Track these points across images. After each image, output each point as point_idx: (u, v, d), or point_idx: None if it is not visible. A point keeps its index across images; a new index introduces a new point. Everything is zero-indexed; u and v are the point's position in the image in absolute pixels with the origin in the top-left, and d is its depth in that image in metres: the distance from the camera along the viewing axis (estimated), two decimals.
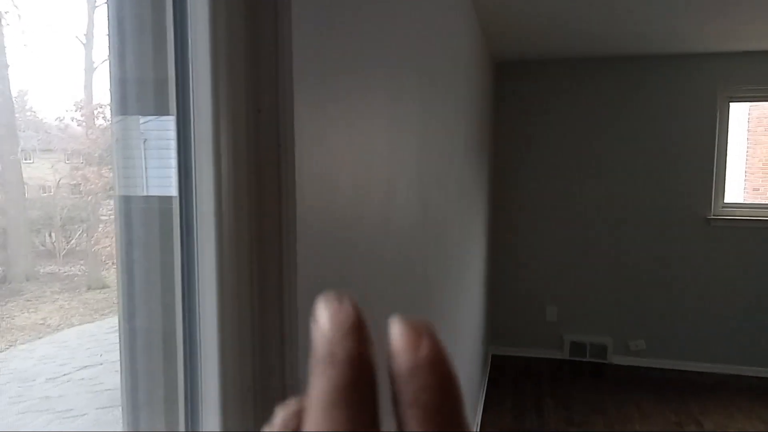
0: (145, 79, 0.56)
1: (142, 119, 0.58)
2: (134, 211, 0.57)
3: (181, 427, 0.58)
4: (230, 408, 0.58)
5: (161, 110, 0.56)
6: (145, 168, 0.57)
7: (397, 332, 0.21)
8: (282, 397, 0.62)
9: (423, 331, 0.21)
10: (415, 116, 1.50)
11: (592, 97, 4.74)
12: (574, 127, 4.80)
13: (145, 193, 0.57)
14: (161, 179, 0.57)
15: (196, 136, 0.55)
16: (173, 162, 0.56)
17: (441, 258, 2.06)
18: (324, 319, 0.21)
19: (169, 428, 0.58)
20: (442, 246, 2.07)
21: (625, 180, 4.74)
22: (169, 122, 0.56)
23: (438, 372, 0.20)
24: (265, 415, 0.63)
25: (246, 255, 0.60)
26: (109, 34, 0.55)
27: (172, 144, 0.55)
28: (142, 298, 0.57)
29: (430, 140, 1.76)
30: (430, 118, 1.73)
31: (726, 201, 4.65)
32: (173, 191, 0.56)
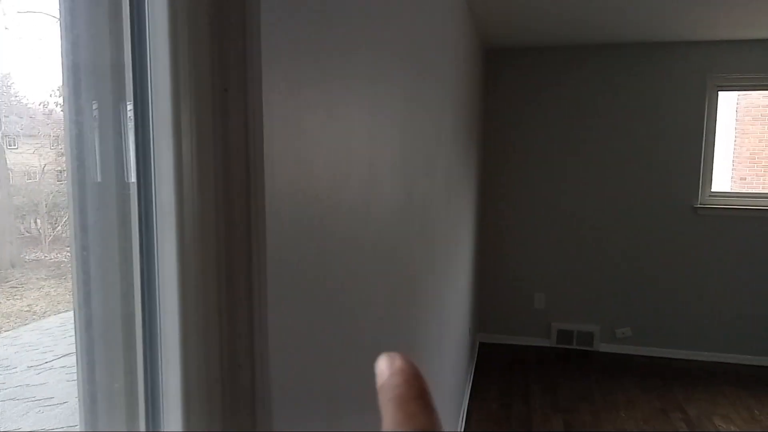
0: (100, 61, 0.54)
1: (96, 104, 0.55)
2: (89, 198, 0.55)
3: (141, 422, 0.56)
4: (194, 401, 0.56)
5: (117, 93, 0.54)
6: (99, 153, 0.56)
7: (380, 361, 0.28)
8: (251, 391, 0.61)
9: (396, 354, 0.28)
10: (399, 101, 1.47)
11: (581, 84, 4.74)
12: (563, 115, 4.80)
13: (99, 180, 0.55)
14: (118, 165, 0.55)
15: (154, 120, 0.53)
16: (131, 147, 0.54)
17: (427, 246, 2.05)
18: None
19: (129, 422, 0.57)
20: (428, 234, 2.06)
21: (613, 168, 4.76)
22: (126, 106, 0.54)
23: (407, 374, 0.26)
24: (234, 410, 0.60)
25: (211, 242, 0.57)
26: (60, 14, 0.53)
27: (130, 128, 0.54)
28: (98, 285, 0.56)
29: (416, 126, 1.74)
30: (415, 103, 1.71)
31: (713, 190, 4.69)
32: (131, 177, 0.55)
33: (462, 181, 3.33)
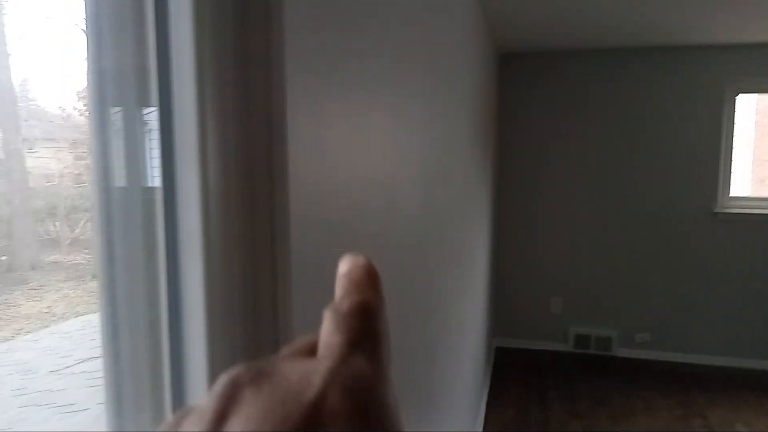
0: (125, 69, 0.55)
1: (120, 108, 0.56)
2: (114, 202, 0.55)
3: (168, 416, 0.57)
4: None
5: (142, 101, 0.55)
6: (124, 158, 0.56)
7: (343, 259, 0.29)
8: None
9: (360, 255, 0.28)
10: (419, 109, 1.47)
11: (598, 89, 4.71)
12: (580, 120, 4.77)
13: (124, 184, 0.56)
14: (142, 169, 0.56)
15: (178, 124, 0.54)
16: (155, 153, 0.54)
17: (445, 250, 2.04)
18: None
19: (156, 425, 0.57)
20: (446, 238, 2.06)
21: (630, 173, 4.71)
22: (151, 113, 0.54)
23: (368, 268, 0.28)
24: None
25: (236, 246, 0.58)
26: (86, 21, 0.54)
27: (154, 135, 0.54)
28: (123, 289, 0.56)
29: (435, 132, 1.74)
30: (434, 109, 1.71)
31: (732, 194, 4.62)
32: (155, 182, 0.55)
33: (478, 186, 3.31)
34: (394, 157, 1.21)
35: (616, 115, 4.69)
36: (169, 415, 0.56)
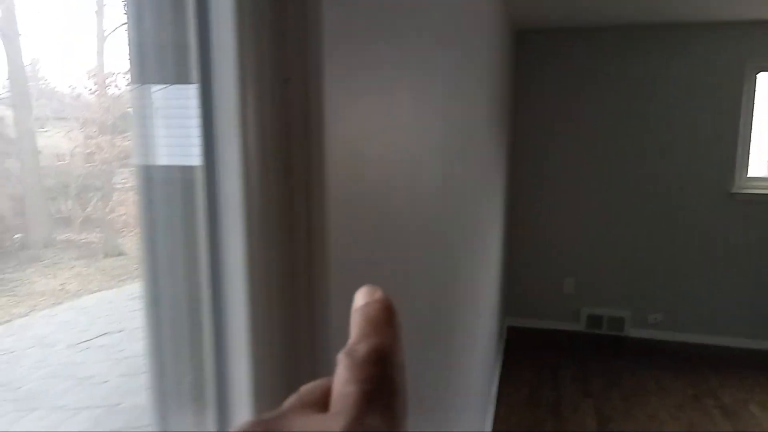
0: (165, 45, 0.54)
1: (161, 86, 0.55)
2: (155, 181, 0.55)
3: (210, 413, 0.57)
4: (261, 391, 0.57)
5: (182, 78, 0.54)
6: (166, 137, 0.56)
7: (360, 291, 0.28)
8: (312, 375, 0.60)
9: (377, 289, 0.28)
10: (440, 86, 1.45)
11: (613, 67, 4.63)
12: (594, 98, 4.70)
13: (165, 162, 0.55)
14: (183, 148, 0.55)
15: (218, 102, 0.53)
16: (195, 131, 0.54)
17: (462, 230, 2.04)
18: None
19: (197, 414, 0.57)
20: (462, 218, 2.05)
21: (646, 152, 4.65)
22: (191, 90, 0.54)
23: (385, 305, 0.27)
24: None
25: (275, 227, 0.57)
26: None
27: (194, 112, 0.54)
28: (165, 268, 0.56)
29: (454, 110, 1.72)
30: (453, 88, 1.68)
31: (750, 175, 4.55)
32: (196, 160, 0.54)
33: (493, 166, 3.29)
34: (417, 133, 1.21)
35: (632, 93, 4.62)
36: (210, 397, 0.57)
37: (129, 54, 0.54)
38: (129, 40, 0.53)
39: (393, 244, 1.01)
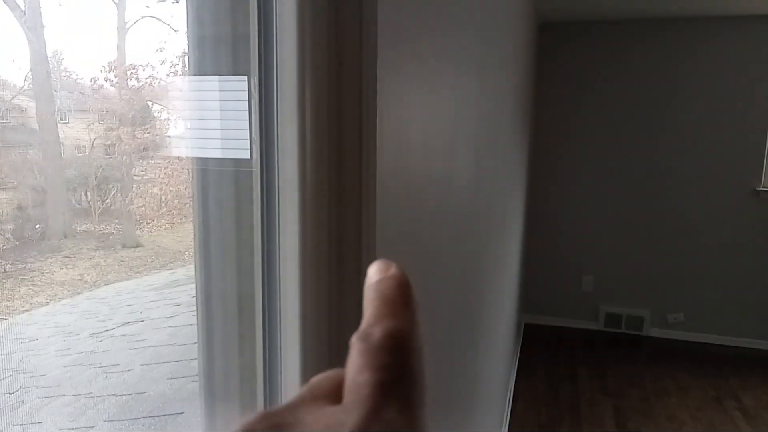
0: (224, 36, 0.55)
1: (219, 78, 0.55)
2: (210, 173, 0.55)
3: (260, 402, 0.57)
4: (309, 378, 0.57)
5: (240, 69, 0.54)
6: (222, 129, 0.56)
7: (373, 265, 0.26)
8: None
9: (392, 264, 0.26)
10: (474, 78, 1.46)
11: (639, 61, 4.55)
12: (619, 93, 4.63)
13: (221, 156, 0.56)
14: (238, 141, 0.55)
15: (279, 95, 0.53)
16: (251, 123, 0.54)
17: (489, 223, 2.04)
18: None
19: (246, 401, 0.58)
20: (492, 213, 2.05)
21: (670, 148, 4.58)
22: (245, 82, 0.54)
23: (401, 281, 0.25)
24: None
25: (326, 217, 0.58)
26: None
27: (251, 105, 0.54)
28: (218, 261, 0.57)
29: (485, 102, 1.73)
30: (485, 79, 1.69)
31: None
32: (251, 153, 0.55)
33: (515, 160, 3.27)
34: (454, 124, 1.23)
35: (655, 87, 4.55)
36: (259, 392, 0.57)
37: (188, 46, 0.54)
38: (188, 32, 0.54)
39: (429, 236, 1.02)
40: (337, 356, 0.60)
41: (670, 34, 4.45)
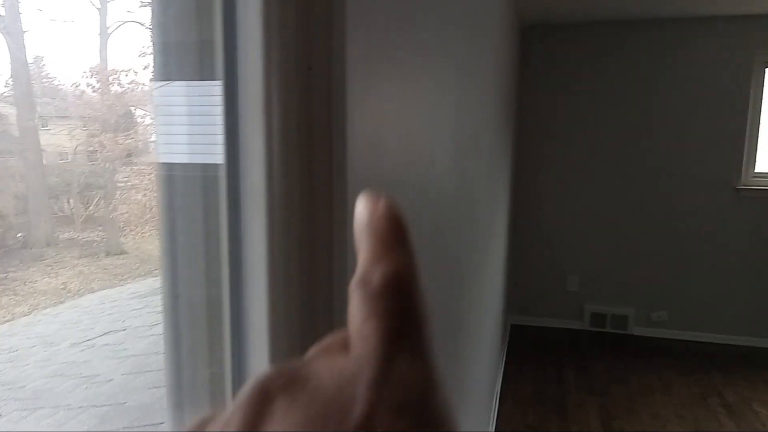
0: (189, 41, 0.54)
1: (184, 84, 0.55)
2: (176, 179, 0.55)
3: (228, 401, 0.57)
4: None
5: (206, 74, 0.54)
6: (188, 134, 0.56)
7: (361, 200, 0.25)
8: None
9: (381, 197, 0.24)
10: (453, 81, 1.46)
11: (621, 62, 4.60)
12: (601, 94, 4.67)
13: (187, 161, 0.55)
14: (205, 146, 0.55)
15: (243, 99, 0.53)
16: (218, 128, 0.54)
17: (472, 226, 2.03)
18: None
19: (214, 406, 0.58)
20: (473, 214, 2.05)
21: (652, 146, 4.63)
22: (214, 87, 0.53)
23: (395, 216, 0.23)
24: None
25: (296, 224, 0.57)
26: None
27: (217, 110, 0.54)
28: (185, 266, 0.56)
29: (466, 104, 1.72)
30: (466, 80, 1.68)
31: (757, 170, 4.53)
32: (218, 159, 0.54)
33: (499, 162, 3.28)
34: (432, 125, 1.22)
35: (637, 88, 4.59)
36: (229, 401, 0.57)
37: (153, 51, 0.53)
38: (153, 37, 0.53)
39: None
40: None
41: (650, 36, 4.50)
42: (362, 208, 0.24)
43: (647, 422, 3.51)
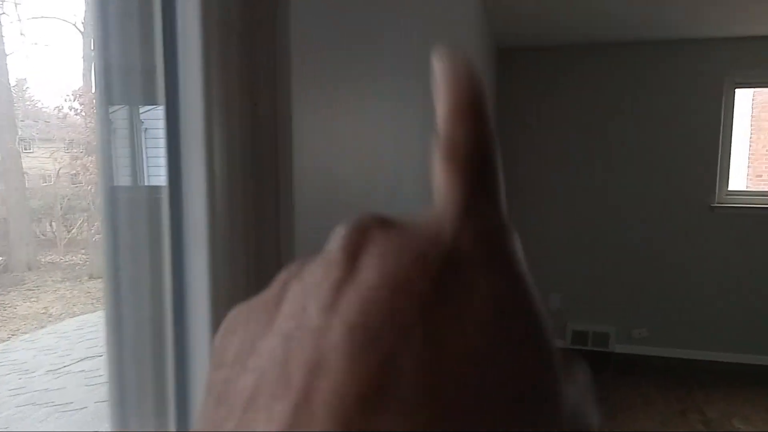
0: (132, 67, 0.54)
1: (127, 108, 0.55)
2: (121, 201, 0.55)
3: (171, 426, 0.56)
4: None
5: (149, 100, 0.54)
6: (131, 158, 0.56)
7: (440, 56, 0.23)
8: None
9: (462, 63, 0.22)
10: (420, 105, 1.47)
11: (597, 84, 4.70)
12: (578, 115, 4.76)
13: (131, 183, 0.55)
14: (150, 169, 0.55)
15: (185, 123, 0.53)
16: (162, 152, 0.54)
17: None
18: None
19: (159, 427, 0.57)
20: None
21: (629, 167, 4.71)
22: (157, 112, 0.54)
23: (476, 84, 0.22)
24: None
25: (241, 245, 0.57)
26: (93, 19, 0.53)
27: (161, 134, 0.54)
28: (128, 289, 0.56)
29: (436, 129, 1.74)
30: (434, 107, 1.71)
31: (730, 189, 4.63)
32: (162, 181, 0.54)
33: None
34: (398, 152, 1.22)
35: (614, 109, 4.69)
36: (171, 415, 0.56)
37: (95, 76, 0.53)
38: (95, 62, 0.53)
39: None
40: None
41: (625, 59, 4.61)
42: (444, 66, 0.23)
43: None
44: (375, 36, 1.04)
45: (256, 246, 0.59)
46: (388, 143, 1.14)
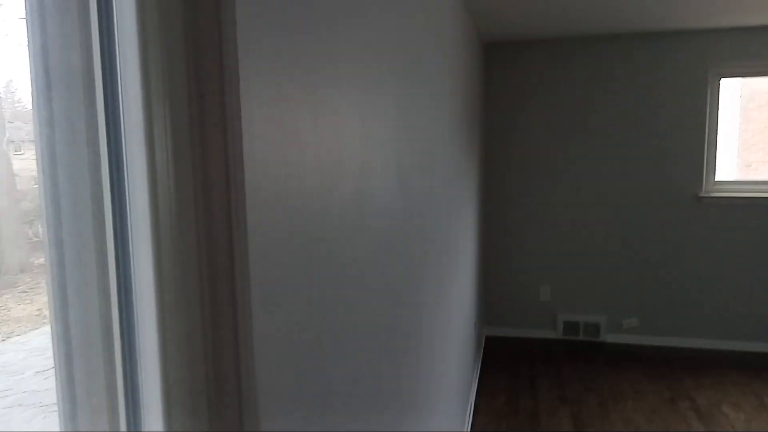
0: (70, 67, 0.53)
1: (66, 109, 0.54)
2: (63, 207, 0.54)
3: (123, 427, 0.56)
4: (175, 411, 0.56)
5: (88, 100, 0.53)
6: (72, 162, 0.55)
7: None
8: (237, 399, 0.60)
9: None
10: (392, 100, 1.45)
11: (582, 77, 4.72)
12: (565, 107, 4.79)
13: (72, 189, 0.54)
14: (90, 173, 0.54)
15: (126, 127, 0.53)
16: (103, 150, 0.54)
17: (427, 244, 2.03)
18: None
19: (110, 428, 0.56)
20: (428, 233, 2.05)
21: (616, 159, 4.75)
22: (97, 112, 0.53)
23: None
24: (220, 417, 0.59)
25: (191, 249, 0.56)
26: (26, 18, 0.52)
27: (102, 135, 0.53)
28: (74, 296, 0.55)
29: (411, 124, 1.72)
30: (409, 102, 1.69)
31: (717, 179, 4.67)
32: (105, 184, 0.54)
33: (464, 176, 3.32)
34: (365, 151, 1.19)
35: (601, 102, 4.72)
36: (121, 411, 0.56)
37: (31, 77, 0.52)
38: (31, 63, 0.52)
39: (335, 260, 1.00)
40: (216, 391, 0.59)
41: (611, 51, 4.63)
42: None
43: (618, 428, 3.57)
44: (346, 37, 1.03)
45: (207, 249, 0.58)
46: (354, 136, 1.12)
